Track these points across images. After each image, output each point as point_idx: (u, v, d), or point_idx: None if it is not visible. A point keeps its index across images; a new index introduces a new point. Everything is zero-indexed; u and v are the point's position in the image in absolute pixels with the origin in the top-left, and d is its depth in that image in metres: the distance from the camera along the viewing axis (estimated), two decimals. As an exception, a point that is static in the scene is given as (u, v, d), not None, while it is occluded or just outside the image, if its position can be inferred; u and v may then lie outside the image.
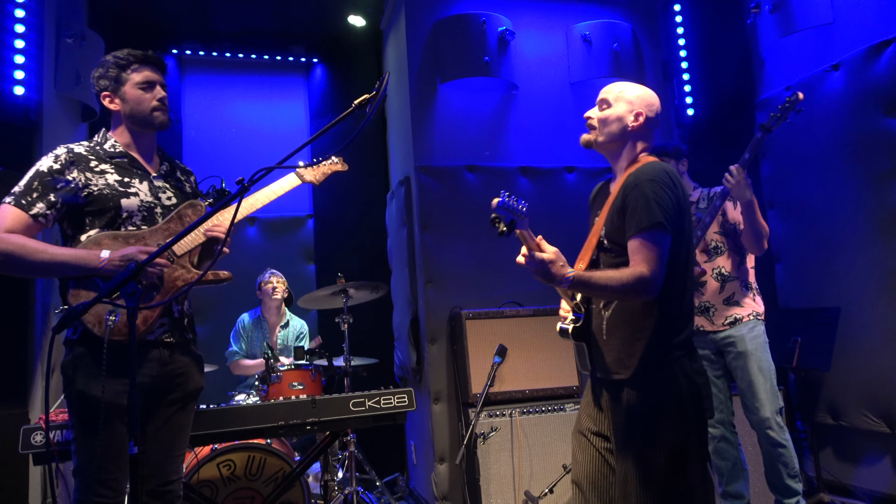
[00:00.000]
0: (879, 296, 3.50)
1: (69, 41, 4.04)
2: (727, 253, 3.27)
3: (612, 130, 2.11)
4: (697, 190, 3.45)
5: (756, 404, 3.13)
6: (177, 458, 2.20)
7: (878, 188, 3.52)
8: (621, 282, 1.88)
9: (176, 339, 2.19)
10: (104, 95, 2.23)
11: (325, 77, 5.58)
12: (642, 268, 1.88)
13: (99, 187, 2.13)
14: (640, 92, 2.14)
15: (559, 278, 1.88)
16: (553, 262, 1.88)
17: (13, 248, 2.00)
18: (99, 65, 2.25)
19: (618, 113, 2.10)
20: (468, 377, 3.66)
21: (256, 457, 3.10)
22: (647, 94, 2.14)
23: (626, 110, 2.10)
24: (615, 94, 2.13)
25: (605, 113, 2.13)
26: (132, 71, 2.21)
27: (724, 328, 3.23)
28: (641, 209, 1.92)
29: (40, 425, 2.50)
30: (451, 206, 4.16)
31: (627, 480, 1.94)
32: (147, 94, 2.22)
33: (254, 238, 5.31)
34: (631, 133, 2.10)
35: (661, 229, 1.90)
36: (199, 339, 5.23)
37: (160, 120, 2.24)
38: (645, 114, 2.09)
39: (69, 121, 4.24)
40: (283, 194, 2.39)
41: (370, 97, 1.88)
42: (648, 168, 2.00)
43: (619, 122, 2.10)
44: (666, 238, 1.92)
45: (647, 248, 1.90)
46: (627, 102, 2.10)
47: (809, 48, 3.97)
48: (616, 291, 1.92)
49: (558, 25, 4.57)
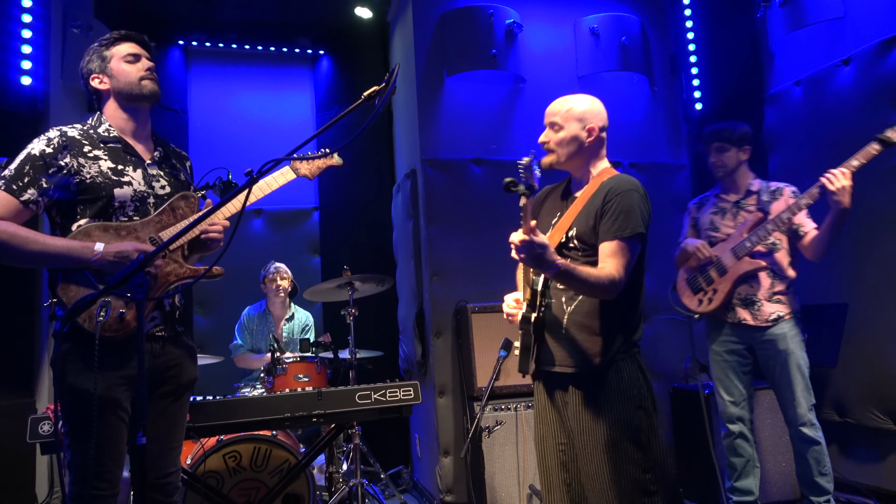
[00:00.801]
0: (888, 292, 3.48)
1: (76, 31, 4.04)
2: (783, 251, 3.26)
3: (570, 150, 2.21)
4: (757, 181, 3.40)
5: (794, 402, 3.13)
6: (173, 450, 2.18)
7: (887, 183, 3.49)
8: (598, 280, 2.01)
9: (167, 333, 2.16)
10: (93, 77, 2.20)
11: (331, 69, 5.57)
12: (615, 270, 2.01)
13: (92, 175, 2.07)
14: (587, 105, 2.21)
15: (549, 264, 1.97)
16: (547, 248, 1.98)
17: (3, 237, 1.93)
18: (84, 54, 2.24)
19: (571, 133, 2.19)
20: (473, 371, 3.66)
21: (262, 448, 3.11)
22: (593, 105, 2.22)
23: (578, 128, 2.19)
24: (563, 114, 2.20)
25: (559, 135, 2.21)
26: (115, 47, 2.20)
27: (767, 324, 3.21)
28: (624, 216, 2.04)
29: (48, 415, 2.50)
30: (457, 199, 4.15)
31: (597, 473, 2.05)
32: (133, 65, 2.20)
33: (259, 230, 5.31)
34: (588, 148, 2.20)
35: (638, 239, 2.06)
36: (204, 331, 5.27)
37: (149, 88, 2.20)
38: (597, 125, 2.19)
39: (75, 111, 4.24)
40: (277, 188, 2.35)
41: (379, 89, 1.86)
42: (627, 179, 2.14)
43: (575, 141, 2.19)
44: (638, 247, 2.07)
45: (623, 253, 2.03)
46: (577, 120, 2.19)
47: (820, 42, 3.93)
48: (590, 287, 2.03)
49: (566, 18, 4.54)
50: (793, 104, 4.11)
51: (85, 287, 2.00)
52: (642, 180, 4.64)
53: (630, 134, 4.58)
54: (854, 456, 3.77)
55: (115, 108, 2.21)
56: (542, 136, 2.26)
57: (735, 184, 3.39)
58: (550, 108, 2.26)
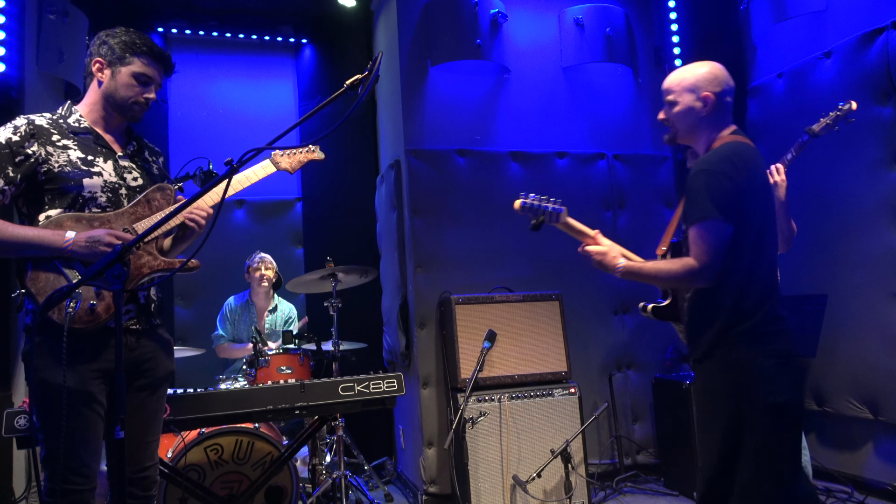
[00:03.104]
0: (866, 284, 3.53)
1: (52, 17, 3.95)
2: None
3: (687, 123, 2.13)
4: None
5: None
6: (150, 443, 2.15)
7: (867, 176, 3.53)
8: (670, 273, 2.03)
9: (142, 326, 2.12)
10: (97, 61, 2.13)
11: (313, 58, 5.50)
12: (693, 259, 1.95)
13: (60, 164, 2.02)
14: (700, 72, 2.12)
15: (611, 269, 2.10)
16: (605, 254, 2.12)
17: None
18: (109, 32, 2.14)
19: (685, 104, 2.12)
20: (457, 362, 3.66)
21: (244, 441, 3.09)
22: (709, 72, 2.12)
23: (691, 99, 2.10)
24: (676, 86, 2.14)
25: (674, 110, 2.15)
26: (140, 58, 2.12)
27: None
28: (694, 200, 1.96)
29: (24, 409, 2.46)
30: (441, 190, 4.13)
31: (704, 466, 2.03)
32: (139, 87, 2.13)
33: (242, 221, 5.26)
34: (705, 119, 2.11)
35: (713, 220, 1.93)
36: (185, 323, 5.21)
37: (134, 115, 2.17)
38: (712, 91, 2.09)
39: (52, 99, 4.15)
40: (256, 181, 2.32)
41: (362, 77, 1.83)
42: (711, 155, 2.02)
43: (690, 114, 2.11)
44: (721, 228, 1.93)
45: (700, 239, 1.95)
46: (689, 91, 2.11)
47: (802, 35, 3.96)
48: (667, 281, 2.11)
49: (551, 8, 4.53)
50: (775, 96, 4.15)
51: (55, 275, 1.96)
52: (626, 172, 4.71)
53: (614, 126, 4.59)
54: (832, 444, 3.83)
55: (97, 99, 2.16)
56: (660, 113, 2.21)
57: None
58: (665, 83, 2.19)
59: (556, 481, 3.52)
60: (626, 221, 4.47)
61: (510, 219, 4.21)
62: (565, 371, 3.79)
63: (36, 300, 1.94)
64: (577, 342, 4.15)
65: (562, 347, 3.83)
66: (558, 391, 3.69)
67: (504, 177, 4.28)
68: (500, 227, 4.19)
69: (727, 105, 2.13)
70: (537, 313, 3.84)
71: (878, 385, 3.45)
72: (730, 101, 2.14)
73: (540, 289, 3.98)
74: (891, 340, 3.39)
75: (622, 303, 4.40)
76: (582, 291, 4.27)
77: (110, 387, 2.01)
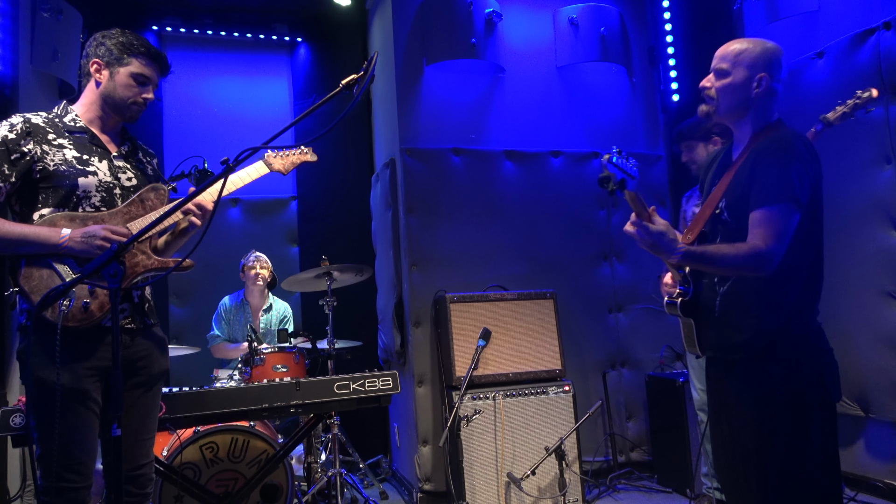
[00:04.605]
0: (858, 283, 3.55)
1: (46, 15, 3.93)
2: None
3: (733, 101, 1.94)
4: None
5: None
6: (146, 441, 2.16)
7: (859, 176, 3.55)
8: (736, 257, 1.80)
9: (136, 325, 2.13)
10: (94, 62, 2.13)
11: (309, 56, 5.50)
12: (760, 243, 1.77)
13: (55, 163, 2.02)
14: (760, 51, 1.94)
15: (668, 251, 1.81)
16: (663, 234, 1.81)
17: None
18: (105, 33, 2.15)
19: (738, 79, 1.92)
20: (452, 360, 3.67)
21: (240, 439, 3.09)
22: (768, 52, 1.94)
23: (745, 77, 1.92)
24: (732, 58, 1.94)
25: (722, 82, 1.95)
26: (137, 59, 2.13)
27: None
28: (771, 181, 1.79)
29: (19, 407, 2.46)
30: (436, 188, 4.15)
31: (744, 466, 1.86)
32: (138, 87, 2.14)
33: (236, 220, 5.25)
34: (755, 100, 1.93)
35: (789, 204, 1.77)
36: (180, 321, 5.21)
37: (132, 115, 2.18)
38: (767, 75, 1.92)
39: (46, 97, 4.14)
40: (249, 182, 2.32)
41: (358, 77, 1.84)
42: (783, 136, 1.86)
43: (740, 92, 1.93)
44: (794, 215, 1.79)
45: (771, 222, 1.78)
46: (747, 67, 1.92)
47: (795, 35, 3.98)
48: (729, 267, 1.83)
49: (546, 8, 4.54)
50: (768, 96, 4.16)
51: (48, 273, 1.96)
52: (620, 171, 4.71)
53: (609, 125, 4.61)
54: (823, 441, 3.85)
55: (94, 99, 2.17)
56: (704, 80, 2.00)
57: None
58: (720, 51, 1.98)
59: (551, 478, 3.54)
60: (619, 220, 4.49)
61: (505, 217, 4.24)
62: (559, 369, 3.81)
63: (29, 298, 1.95)
64: (572, 340, 4.17)
65: (556, 345, 3.85)
66: (553, 389, 3.71)
67: (499, 175, 4.29)
68: (494, 225, 4.21)
69: (777, 93, 1.96)
70: (532, 311, 3.86)
71: (870, 383, 3.48)
72: (779, 90, 1.96)
73: (534, 287, 4.00)
74: (882, 339, 3.41)
75: (616, 301, 4.42)
76: (576, 290, 4.29)
77: (105, 384, 2.02)
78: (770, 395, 1.83)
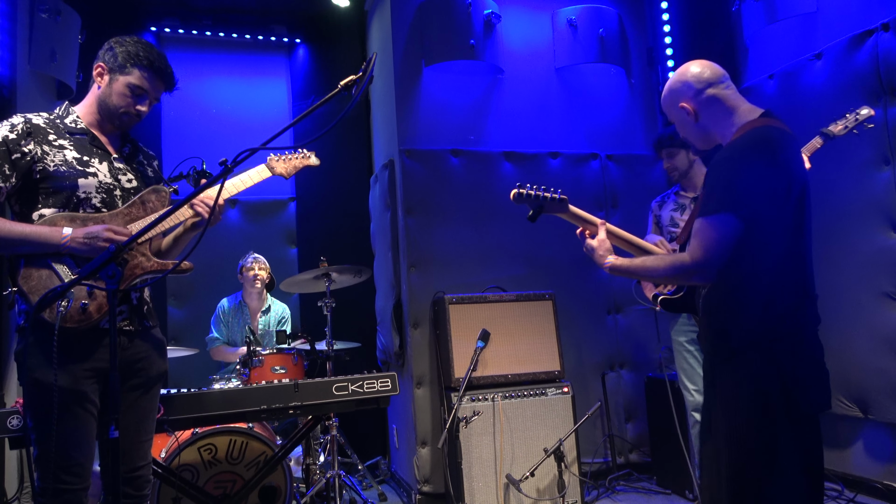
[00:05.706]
0: (856, 284, 3.56)
1: (44, 16, 3.93)
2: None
3: (691, 136, 2.05)
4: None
5: None
6: (144, 443, 2.16)
7: (857, 178, 3.56)
8: (658, 269, 1.92)
9: (135, 327, 2.13)
10: (99, 65, 2.14)
11: (307, 57, 5.50)
12: (684, 256, 1.84)
13: (56, 163, 2.02)
14: (671, 86, 2.04)
15: (599, 264, 2.06)
16: (594, 250, 2.06)
17: None
18: (119, 39, 2.15)
19: (679, 120, 2.04)
20: (451, 361, 3.66)
21: (238, 441, 3.09)
22: (680, 80, 2.01)
23: (679, 116, 2.03)
24: (666, 107, 2.08)
25: (680, 129, 2.08)
26: (139, 70, 2.12)
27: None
28: (714, 190, 1.82)
29: (17, 409, 2.45)
30: (435, 190, 4.14)
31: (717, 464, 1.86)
32: (132, 98, 2.13)
33: (235, 221, 5.25)
34: (703, 123, 1.99)
35: (726, 214, 1.77)
36: (178, 323, 5.20)
37: (122, 124, 2.17)
38: (688, 97, 1.99)
39: (44, 98, 4.14)
40: (251, 185, 2.32)
41: (356, 78, 1.84)
42: (740, 142, 1.86)
43: (688, 127, 2.03)
44: (727, 224, 1.76)
45: (704, 233, 1.80)
46: (673, 108, 2.04)
47: (793, 37, 3.99)
48: (657, 277, 1.99)
49: (544, 9, 4.55)
50: (766, 98, 4.17)
51: (47, 273, 1.96)
52: (619, 173, 4.73)
53: (607, 126, 4.61)
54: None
55: (93, 102, 2.17)
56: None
57: (692, 182, 3.50)
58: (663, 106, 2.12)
59: (550, 480, 3.54)
60: (618, 221, 4.44)
61: (504, 218, 4.24)
62: (558, 370, 3.81)
63: (28, 299, 1.94)
64: (571, 341, 4.17)
65: (555, 347, 3.85)
66: (551, 390, 3.71)
67: (497, 177, 4.29)
68: (493, 226, 4.21)
69: (716, 98, 1.96)
70: (530, 313, 3.86)
71: (868, 384, 3.48)
72: (719, 93, 1.96)
73: (533, 288, 4.00)
74: (881, 340, 3.42)
75: (615, 302, 4.42)
76: (575, 291, 4.29)
77: (103, 386, 2.01)
78: (734, 399, 1.82)
